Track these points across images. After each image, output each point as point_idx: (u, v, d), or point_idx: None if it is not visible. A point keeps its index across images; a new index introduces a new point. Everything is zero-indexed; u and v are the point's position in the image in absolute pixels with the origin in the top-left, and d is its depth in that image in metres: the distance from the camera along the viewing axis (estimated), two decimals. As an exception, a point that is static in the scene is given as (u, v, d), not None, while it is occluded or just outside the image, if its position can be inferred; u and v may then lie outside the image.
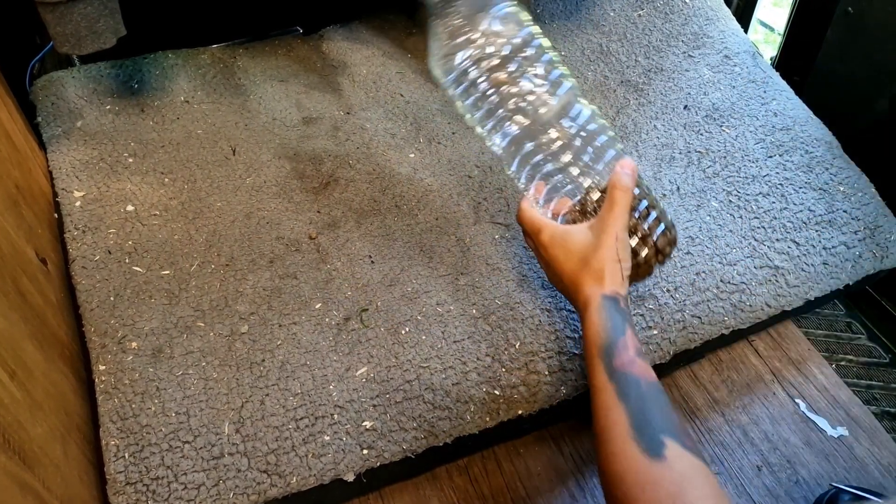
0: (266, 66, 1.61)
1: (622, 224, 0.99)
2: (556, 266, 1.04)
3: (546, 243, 1.04)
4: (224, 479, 1.01)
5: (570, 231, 1.03)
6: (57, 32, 1.18)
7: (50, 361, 1.02)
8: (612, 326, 0.94)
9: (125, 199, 1.29)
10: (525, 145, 1.07)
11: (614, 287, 0.98)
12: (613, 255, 0.98)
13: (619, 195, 0.99)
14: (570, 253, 1.02)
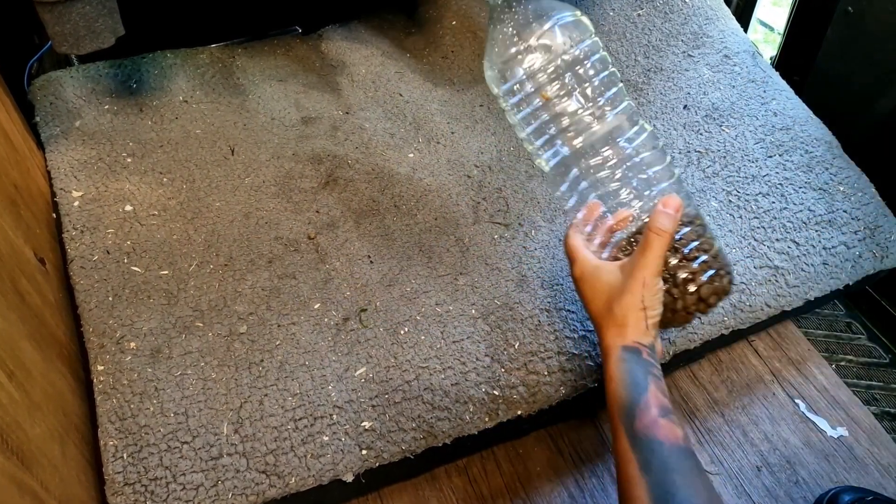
0: (265, 65, 1.61)
1: (653, 270, 0.92)
2: (584, 303, 0.99)
3: (576, 277, 1.00)
4: (223, 479, 1.01)
5: (601, 269, 0.97)
6: (55, 32, 1.18)
7: (48, 362, 1.02)
8: (632, 383, 0.88)
9: (124, 198, 1.29)
10: (576, 167, 1.01)
11: (636, 337, 0.92)
12: (638, 303, 0.92)
13: (653, 238, 0.91)
14: (596, 293, 0.96)
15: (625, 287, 0.92)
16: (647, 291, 0.91)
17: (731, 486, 1.28)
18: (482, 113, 1.54)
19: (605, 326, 0.94)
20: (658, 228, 0.91)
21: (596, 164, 1.00)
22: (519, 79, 0.99)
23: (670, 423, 0.85)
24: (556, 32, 0.98)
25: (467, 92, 1.59)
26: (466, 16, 1.71)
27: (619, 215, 1.00)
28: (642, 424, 0.85)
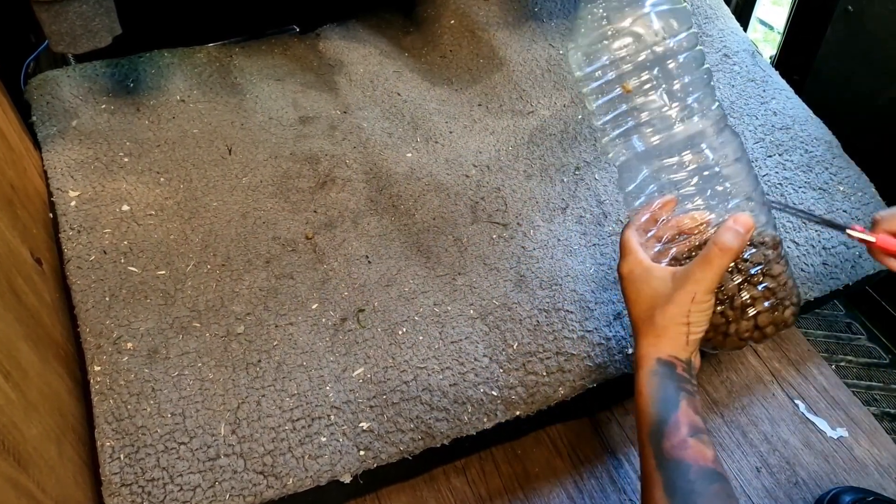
0: (262, 64, 1.61)
1: (707, 286, 0.86)
2: (626, 304, 0.95)
3: (624, 274, 0.94)
4: (220, 480, 1.01)
5: (651, 272, 0.91)
6: (52, 31, 1.18)
7: (45, 362, 1.02)
8: (663, 399, 0.85)
9: (120, 198, 1.29)
10: (647, 167, 0.96)
11: (673, 351, 0.88)
12: (682, 317, 0.87)
13: (716, 254, 0.86)
14: (640, 296, 0.92)
15: (672, 297, 0.88)
16: (696, 307, 0.87)
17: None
18: (480, 112, 1.54)
19: (642, 333, 0.91)
20: (723, 244, 0.86)
21: (670, 167, 0.95)
22: (602, 64, 0.94)
23: (700, 443, 0.81)
24: (651, 19, 0.92)
25: (466, 91, 1.59)
26: (465, 15, 1.71)
27: (695, 218, 0.94)
28: (670, 445, 0.82)
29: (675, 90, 0.93)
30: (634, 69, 0.93)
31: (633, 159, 0.97)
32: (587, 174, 1.40)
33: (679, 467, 0.80)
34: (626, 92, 0.93)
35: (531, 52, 1.64)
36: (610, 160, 1.01)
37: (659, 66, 0.93)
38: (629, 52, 0.92)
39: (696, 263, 0.87)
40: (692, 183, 0.94)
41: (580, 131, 1.48)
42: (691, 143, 0.93)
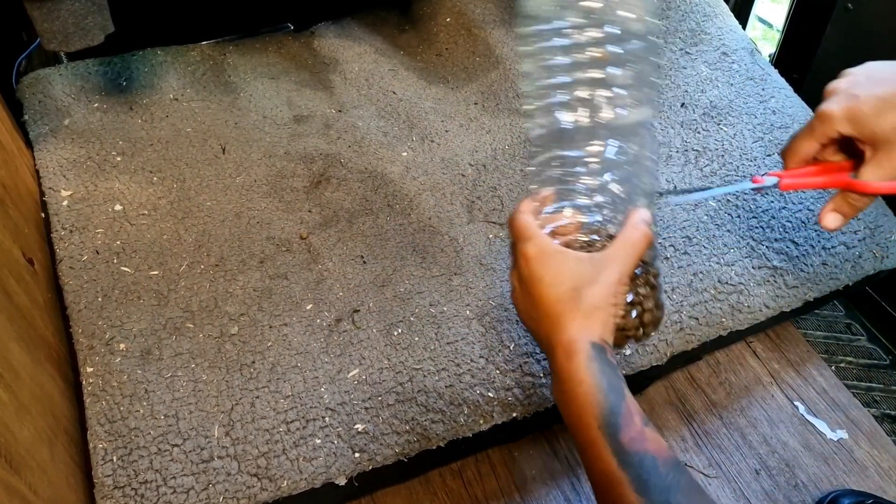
0: (256, 63, 1.62)
1: (629, 269, 0.85)
2: (535, 288, 0.86)
3: (532, 256, 0.86)
4: (213, 482, 1.02)
5: (566, 253, 0.86)
6: (44, 29, 1.18)
7: (37, 363, 1.02)
8: (609, 386, 0.78)
9: (113, 198, 1.30)
10: (564, 148, 0.92)
11: (604, 333, 0.82)
12: (609, 298, 0.83)
13: (638, 237, 0.85)
14: (559, 277, 0.84)
15: (597, 277, 0.83)
16: (620, 288, 0.83)
17: (729, 489, 1.28)
18: (476, 111, 1.54)
19: (568, 314, 0.82)
20: (644, 230, 0.85)
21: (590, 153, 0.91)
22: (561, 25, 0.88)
23: (654, 433, 0.76)
24: None
25: (462, 90, 1.59)
26: (461, 13, 1.72)
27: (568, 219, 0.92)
28: (629, 437, 0.74)
29: (621, 76, 0.89)
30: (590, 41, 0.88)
31: (552, 136, 0.92)
32: (584, 173, 1.41)
33: (644, 461, 0.73)
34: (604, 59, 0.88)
35: (528, 50, 1.65)
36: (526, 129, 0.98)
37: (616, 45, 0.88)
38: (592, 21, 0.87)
39: (618, 246, 0.85)
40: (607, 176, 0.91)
41: (577, 130, 1.48)
42: (620, 133, 0.91)
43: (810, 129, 0.97)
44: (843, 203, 0.99)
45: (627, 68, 0.89)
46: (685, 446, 1.34)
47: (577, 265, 0.84)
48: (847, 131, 0.93)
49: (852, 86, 0.94)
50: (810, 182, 1.00)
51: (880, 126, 0.89)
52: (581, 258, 0.85)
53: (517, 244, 0.89)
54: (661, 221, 1.33)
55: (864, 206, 0.98)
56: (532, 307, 0.87)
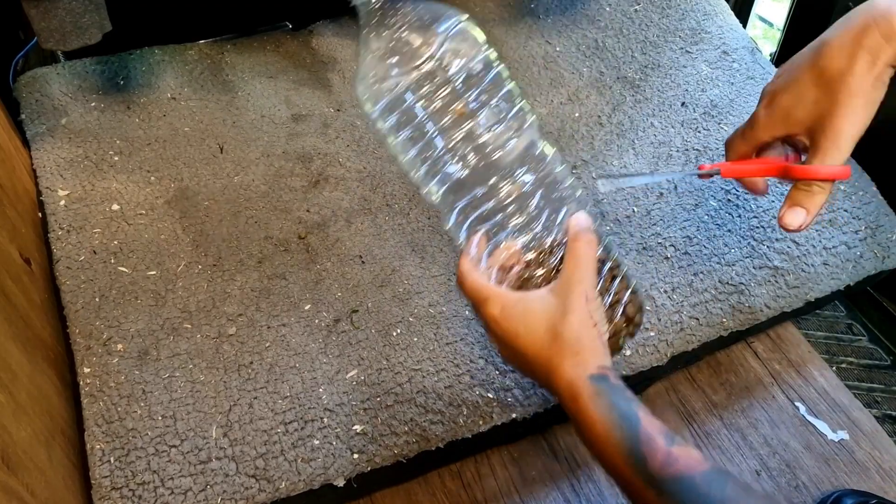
0: (254, 62, 1.62)
1: (591, 282, 0.82)
2: (516, 344, 0.83)
3: (498, 316, 0.83)
4: (211, 483, 1.02)
5: (528, 298, 0.83)
6: (41, 28, 1.18)
7: (34, 364, 1.02)
8: (621, 417, 0.74)
9: (111, 197, 1.30)
10: (469, 193, 0.89)
11: (598, 360, 0.78)
12: (587, 320, 0.80)
13: (583, 248, 0.83)
14: (532, 325, 0.81)
15: (566, 307, 0.80)
16: (592, 305, 0.80)
17: (729, 490, 1.28)
18: (476, 110, 1.54)
19: (556, 361, 0.79)
20: (587, 237, 0.83)
21: (495, 189, 0.88)
22: (400, 93, 0.86)
23: (682, 448, 0.71)
24: (448, 42, 0.86)
25: (461, 89, 1.59)
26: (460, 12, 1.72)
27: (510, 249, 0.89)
28: (658, 464, 0.70)
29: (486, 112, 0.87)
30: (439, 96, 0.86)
31: (451, 191, 0.90)
32: (584, 173, 1.41)
33: (681, 484, 0.69)
34: (460, 115, 0.86)
35: (527, 48, 1.65)
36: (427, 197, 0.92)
37: (464, 90, 0.86)
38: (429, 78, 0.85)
39: (568, 267, 0.82)
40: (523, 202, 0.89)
41: (577, 129, 1.49)
42: (514, 162, 0.88)
43: (742, 133, 0.97)
44: (800, 194, 0.91)
45: (491, 107, 0.87)
46: (685, 447, 1.34)
47: (543, 304, 0.82)
48: (777, 132, 0.92)
49: (772, 83, 0.93)
50: (750, 169, 0.97)
51: (803, 111, 0.88)
52: (543, 296, 0.83)
53: (478, 309, 0.86)
54: (661, 221, 1.33)
55: (824, 196, 0.91)
56: (521, 362, 0.85)
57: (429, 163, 0.88)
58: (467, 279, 0.87)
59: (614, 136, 1.48)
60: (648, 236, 1.30)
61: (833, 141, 0.85)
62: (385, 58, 0.86)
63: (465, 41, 0.87)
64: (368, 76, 0.88)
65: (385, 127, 0.89)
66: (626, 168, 1.42)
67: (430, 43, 0.85)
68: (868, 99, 0.84)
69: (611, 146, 1.46)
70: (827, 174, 0.87)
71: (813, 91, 0.86)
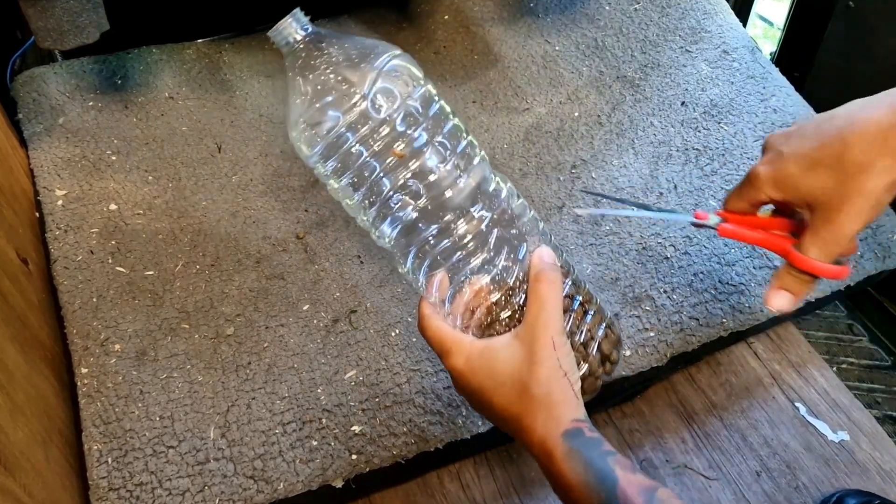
0: (253, 61, 1.62)
1: (557, 326, 0.76)
2: (482, 398, 0.79)
3: (461, 369, 0.79)
4: (209, 484, 1.02)
5: (493, 347, 0.79)
6: (39, 27, 1.18)
7: (31, 364, 1.02)
8: (599, 478, 0.70)
9: (108, 197, 1.30)
10: (422, 233, 0.83)
11: (570, 413, 0.74)
12: (556, 370, 0.75)
13: (547, 289, 0.77)
14: (499, 378, 0.77)
15: (533, 357, 0.75)
16: (560, 352, 0.76)
17: (729, 491, 1.28)
18: (475, 109, 1.54)
19: (527, 414, 0.75)
20: (546, 276, 0.78)
21: (451, 227, 0.83)
22: (337, 135, 0.79)
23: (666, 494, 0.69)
24: (383, 79, 0.80)
25: (460, 88, 1.59)
26: (459, 10, 1.72)
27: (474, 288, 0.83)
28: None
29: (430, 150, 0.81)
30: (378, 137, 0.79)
31: (403, 234, 0.84)
32: (584, 172, 1.41)
33: None
34: (399, 157, 0.79)
35: (526, 47, 1.65)
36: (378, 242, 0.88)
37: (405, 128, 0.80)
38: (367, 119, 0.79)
39: (532, 310, 0.77)
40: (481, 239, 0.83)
41: (577, 129, 1.49)
42: (466, 198, 0.83)
43: (740, 189, 0.89)
44: (790, 279, 0.87)
45: (435, 145, 0.82)
46: (685, 448, 1.34)
47: (509, 353, 0.77)
48: (775, 196, 0.85)
49: (782, 142, 0.86)
50: (749, 235, 0.90)
51: (809, 187, 0.81)
52: (508, 343, 0.78)
53: (441, 359, 0.82)
54: (660, 220, 1.33)
55: (814, 286, 0.87)
56: (490, 414, 0.81)
57: (376, 206, 0.83)
58: (429, 326, 0.83)
59: (614, 135, 1.48)
60: (648, 236, 1.30)
61: (833, 234, 0.81)
62: (315, 101, 0.80)
63: (400, 78, 0.81)
64: (299, 122, 0.81)
65: (324, 172, 0.83)
66: (626, 168, 1.42)
67: (362, 82, 0.79)
68: (878, 202, 0.78)
69: (610, 145, 1.46)
70: (827, 273, 0.83)
71: (825, 175, 0.80)
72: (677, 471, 1.30)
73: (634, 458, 1.31)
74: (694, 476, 1.29)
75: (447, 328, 0.82)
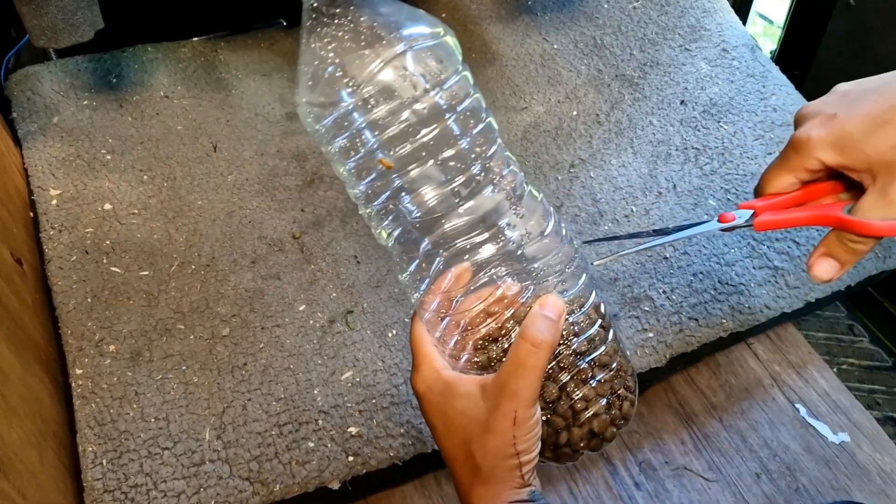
0: (248, 59, 1.62)
1: (527, 398, 0.66)
2: (434, 434, 0.73)
3: (421, 393, 0.72)
4: (205, 486, 1.02)
5: (453, 387, 0.70)
6: (33, 25, 1.18)
7: (25, 365, 1.03)
8: None
9: (103, 197, 1.30)
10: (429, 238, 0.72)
11: (512, 496, 0.68)
12: (508, 448, 0.66)
13: (528, 352, 0.65)
14: (448, 425, 0.71)
15: (488, 423, 0.67)
16: (520, 430, 0.66)
17: (729, 493, 1.28)
18: (473, 109, 1.54)
19: (464, 479, 0.70)
20: (533, 338, 0.66)
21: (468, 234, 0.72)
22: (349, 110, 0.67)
23: None
24: (413, 59, 0.68)
25: (458, 87, 1.59)
26: (457, 8, 1.72)
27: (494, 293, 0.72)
28: None
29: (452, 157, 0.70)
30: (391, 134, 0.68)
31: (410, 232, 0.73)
32: (582, 172, 1.41)
33: None
34: (387, 168, 0.69)
35: (524, 46, 1.65)
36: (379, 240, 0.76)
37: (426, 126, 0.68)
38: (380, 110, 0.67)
39: (506, 370, 0.66)
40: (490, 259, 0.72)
41: (575, 128, 1.49)
42: (485, 222, 0.72)
43: (784, 160, 0.79)
44: (838, 246, 0.78)
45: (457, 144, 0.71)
46: (684, 449, 1.34)
47: (467, 405, 0.69)
48: (832, 160, 0.75)
49: (826, 106, 0.77)
50: (792, 219, 0.80)
51: (876, 147, 0.72)
52: (471, 393, 0.69)
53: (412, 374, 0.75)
54: (660, 220, 1.33)
55: (866, 251, 0.78)
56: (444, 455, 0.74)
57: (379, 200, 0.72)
58: (413, 330, 0.75)
59: (613, 134, 1.48)
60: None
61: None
62: (330, 64, 0.67)
63: (439, 57, 0.70)
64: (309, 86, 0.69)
65: (329, 151, 0.72)
66: (625, 167, 1.42)
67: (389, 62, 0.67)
68: None
69: (609, 145, 1.46)
70: (888, 230, 0.73)
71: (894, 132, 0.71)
72: (676, 472, 1.30)
73: (633, 459, 1.31)
74: (693, 477, 1.29)
75: (424, 340, 0.74)
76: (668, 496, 1.25)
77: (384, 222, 0.73)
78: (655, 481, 1.26)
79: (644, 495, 1.25)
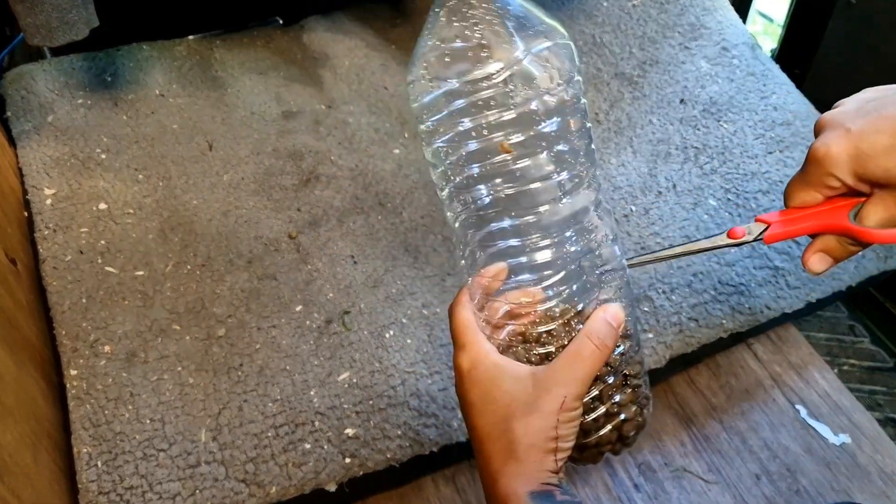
0: (244, 58, 1.62)
1: (578, 389, 0.69)
2: (466, 414, 0.74)
3: (464, 371, 0.73)
4: (200, 488, 1.02)
5: (504, 370, 0.72)
6: (27, 23, 1.18)
7: (20, 366, 1.03)
8: None
9: (98, 196, 1.30)
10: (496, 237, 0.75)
11: (544, 478, 0.68)
12: (550, 431, 0.68)
13: (591, 350, 0.69)
14: (490, 402, 0.71)
15: (536, 404, 0.68)
16: (565, 416, 0.68)
17: (729, 495, 1.28)
18: (471, 107, 1.54)
19: (495, 456, 0.70)
20: (601, 340, 0.70)
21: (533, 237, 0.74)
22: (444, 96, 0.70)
23: None
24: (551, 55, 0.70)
25: (456, 85, 1.59)
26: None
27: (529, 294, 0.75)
28: None
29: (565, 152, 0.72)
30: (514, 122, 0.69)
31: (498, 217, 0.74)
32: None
33: None
34: (506, 152, 0.70)
35: (524, 44, 1.65)
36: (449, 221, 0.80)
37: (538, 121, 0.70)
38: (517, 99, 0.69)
39: (564, 361, 0.70)
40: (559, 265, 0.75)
41: (574, 127, 1.49)
42: (575, 218, 0.75)
43: (805, 174, 0.76)
44: (835, 243, 0.77)
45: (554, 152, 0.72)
46: (684, 451, 1.34)
47: (514, 386, 0.70)
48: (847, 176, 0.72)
49: (846, 117, 0.74)
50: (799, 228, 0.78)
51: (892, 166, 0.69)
52: (520, 377, 0.71)
53: (455, 350, 0.76)
54: (660, 220, 1.33)
55: (859, 251, 0.78)
56: (470, 433, 0.75)
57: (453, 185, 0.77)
58: (458, 314, 0.77)
59: (612, 133, 1.48)
60: (647, 236, 1.31)
61: None
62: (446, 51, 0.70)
63: (570, 57, 0.72)
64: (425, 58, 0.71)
65: (426, 128, 0.75)
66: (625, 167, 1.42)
67: (539, 48, 0.69)
68: None
69: (608, 144, 1.46)
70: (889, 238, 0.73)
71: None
72: (676, 474, 1.30)
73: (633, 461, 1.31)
74: (693, 479, 1.29)
75: (473, 324, 0.75)
76: (667, 498, 1.25)
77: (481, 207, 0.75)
78: (655, 483, 1.26)
79: (643, 497, 1.25)
